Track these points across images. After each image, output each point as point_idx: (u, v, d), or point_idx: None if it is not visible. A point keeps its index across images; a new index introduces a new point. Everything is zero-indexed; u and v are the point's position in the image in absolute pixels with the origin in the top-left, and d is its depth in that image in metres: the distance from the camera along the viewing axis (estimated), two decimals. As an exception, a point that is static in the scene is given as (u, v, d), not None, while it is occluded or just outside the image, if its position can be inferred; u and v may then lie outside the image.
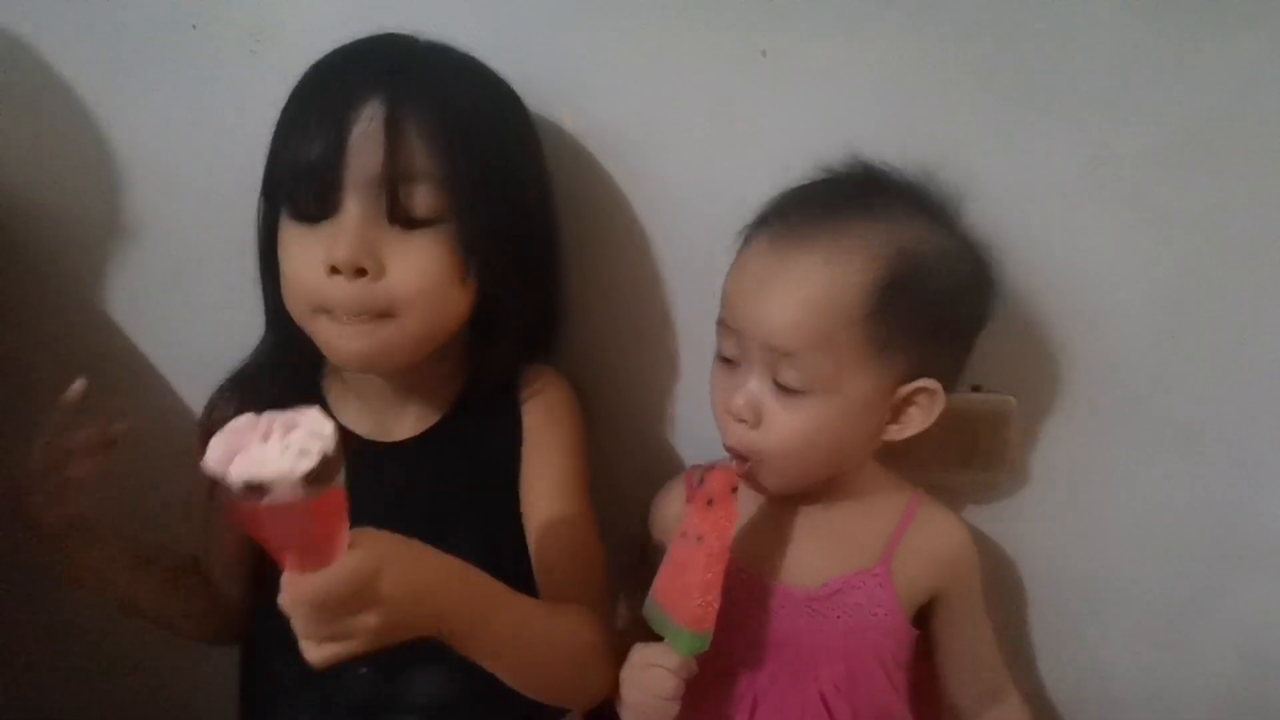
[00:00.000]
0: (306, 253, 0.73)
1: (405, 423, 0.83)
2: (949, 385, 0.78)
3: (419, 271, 0.73)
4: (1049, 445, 0.93)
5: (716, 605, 0.73)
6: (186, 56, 0.85)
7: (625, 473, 0.94)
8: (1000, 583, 0.95)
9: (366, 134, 0.70)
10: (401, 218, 0.72)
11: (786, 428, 0.75)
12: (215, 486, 0.54)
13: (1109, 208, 0.84)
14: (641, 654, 0.75)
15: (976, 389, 0.90)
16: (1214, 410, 0.90)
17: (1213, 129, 0.82)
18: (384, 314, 0.73)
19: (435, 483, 0.82)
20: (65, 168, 0.89)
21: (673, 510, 0.87)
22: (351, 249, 0.71)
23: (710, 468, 0.79)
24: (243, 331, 0.84)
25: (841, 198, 0.78)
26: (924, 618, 0.86)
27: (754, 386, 0.76)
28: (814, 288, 0.73)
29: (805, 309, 0.73)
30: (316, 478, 0.53)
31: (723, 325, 0.78)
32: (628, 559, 0.91)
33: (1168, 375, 0.89)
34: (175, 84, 0.86)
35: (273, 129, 0.75)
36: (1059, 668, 1.01)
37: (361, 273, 0.71)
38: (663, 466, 0.96)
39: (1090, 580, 0.98)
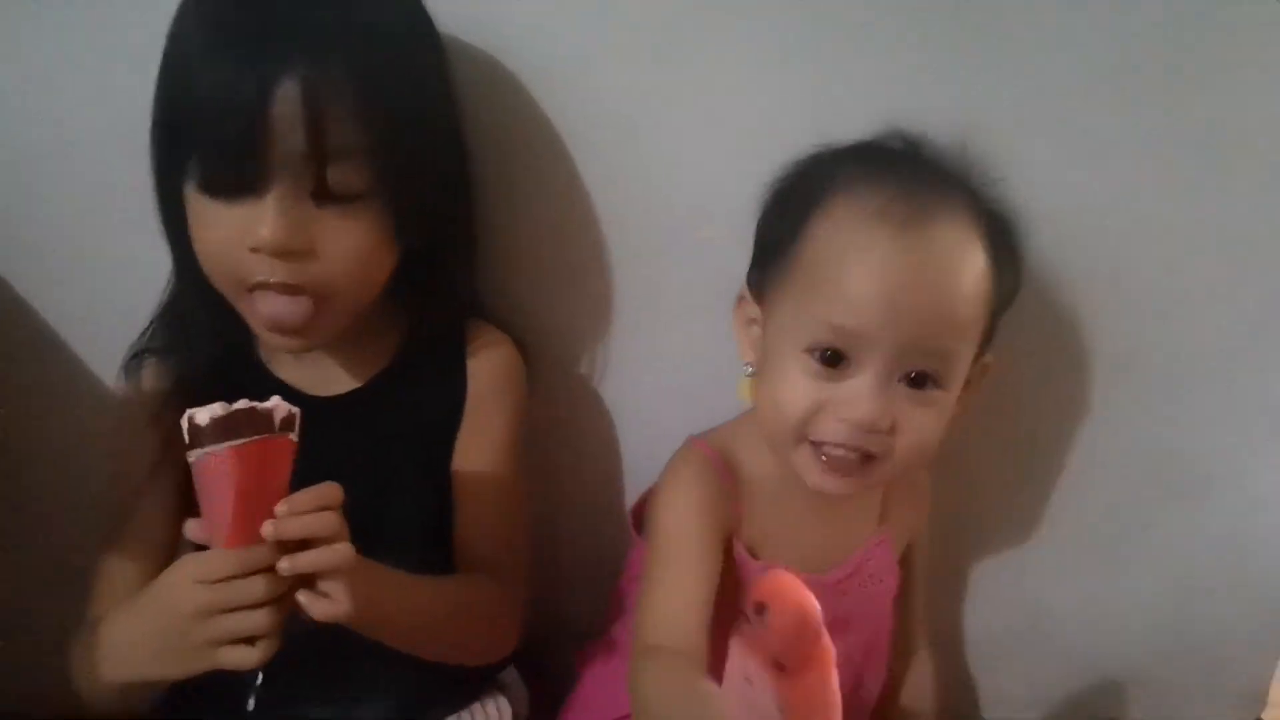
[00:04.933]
0: (224, 230, 0.68)
1: (343, 375, 0.81)
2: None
3: (349, 248, 0.70)
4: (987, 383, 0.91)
5: None
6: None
7: (551, 421, 0.93)
8: (938, 520, 0.96)
9: (288, 113, 0.64)
10: (328, 196, 0.68)
11: (924, 428, 0.70)
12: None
13: (1042, 140, 0.83)
14: None
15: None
16: (1144, 342, 0.91)
17: (1145, 60, 0.81)
18: (315, 290, 0.70)
19: (376, 437, 0.80)
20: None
21: (707, 488, 0.76)
22: (277, 233, 0.67)
23: (759, 606, 0.48)
24: (152, 285, 0.80)
25: (920, 169, 0.72)
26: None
27: (883, 389, 0.68)
28: (960, 274, 0.67)
29: (961, 300, 0.68)
30: (226, 424, 0.60)
31: (827, 324, 0.68)
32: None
33: (1100, 307, 0.89)
34: (66, 28, 0.81)
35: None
36: (998, 598, 1.03)
37: (289, 254, 0.68)
38: (592, 416, 0.95)
39: (1025, 514, 0.99)
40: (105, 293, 0.86)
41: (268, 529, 0.61)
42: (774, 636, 0.46)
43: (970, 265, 0.68)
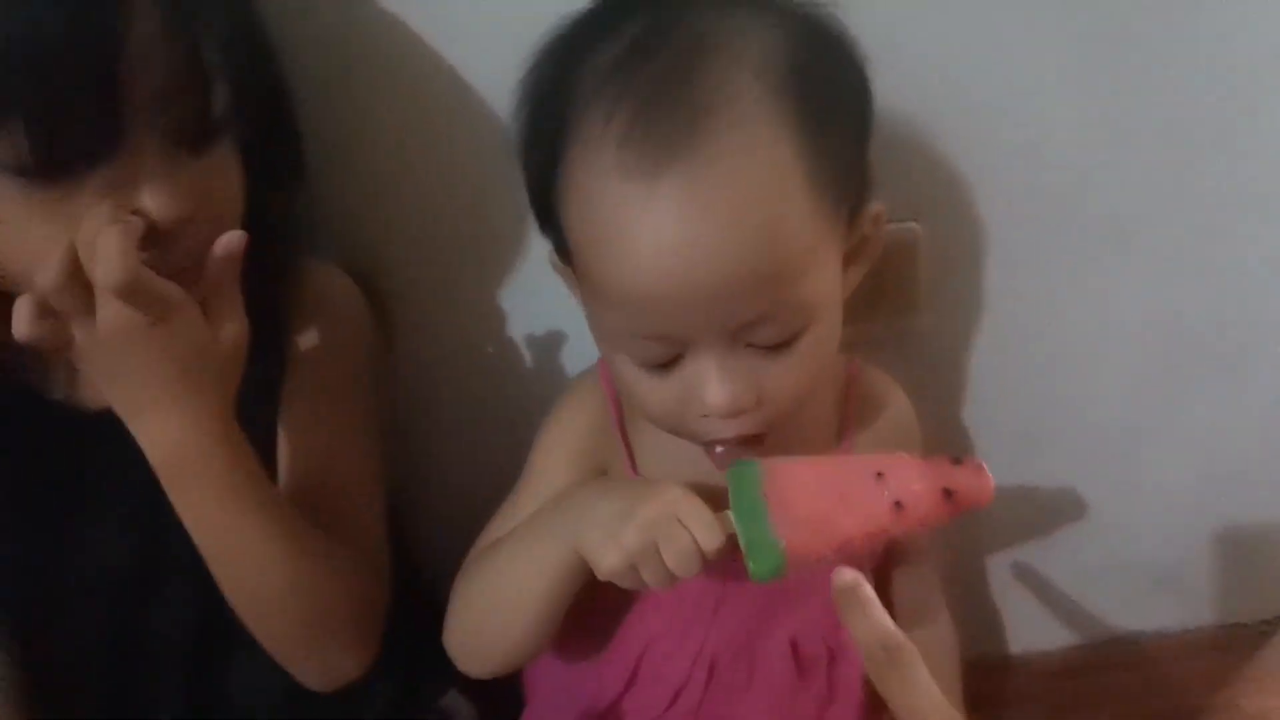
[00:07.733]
0: (46, 220, 0.51)
1: None
2: (872, 185, 0.60)
3: (230, 189, 0.57)
4: (968, 271, 0.81)
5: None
6: None
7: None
8: (935, 430, 0.82)
9: (150, 34, 0.51)
10: (207, 133, 0.55)
11: (790, 382, 0.56)
12: None
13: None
14: (684, 498, 0.54)
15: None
16: (1144, 205, 0.79)
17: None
18: (198, 261, 0.55)
19: None
20: None
21: (586, 420, 0.69)
22: (174, 201, 0.53)
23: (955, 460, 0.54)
24: None
25: (671, 57, 0.52)
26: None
27: (727, 367, 0.55)
28: (753, 209, 0.51)
29: (767, 244, 0.51)
30: None
31: (626, 332, 0.56)
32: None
33: (1095, 170, 0.78)
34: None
35: None
36: (1012, 495, 0.91)
37: (177, 223, 0.53)
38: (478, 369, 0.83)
39: (1039, 407, 0.88)
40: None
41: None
42: (972, 487, 0.53)
43: (763, 183, 0.51)
